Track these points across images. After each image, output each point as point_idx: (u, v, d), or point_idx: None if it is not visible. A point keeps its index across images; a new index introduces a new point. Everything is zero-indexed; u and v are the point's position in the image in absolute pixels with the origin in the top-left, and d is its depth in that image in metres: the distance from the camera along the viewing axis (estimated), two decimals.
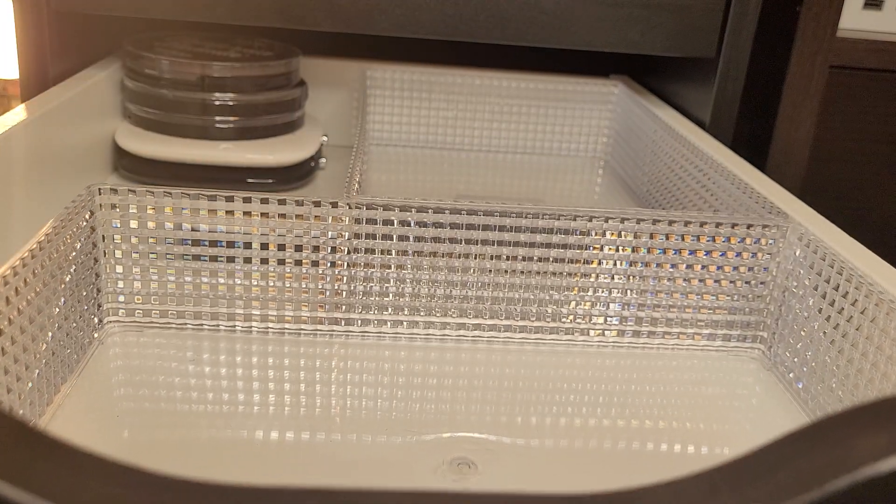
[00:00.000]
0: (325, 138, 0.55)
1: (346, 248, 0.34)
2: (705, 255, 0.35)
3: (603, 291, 0.35)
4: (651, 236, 0.34)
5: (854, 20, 0.56)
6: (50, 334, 0.28)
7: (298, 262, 0.34)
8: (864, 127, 0.58)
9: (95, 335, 0.33)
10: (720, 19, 0.51)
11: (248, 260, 0.34)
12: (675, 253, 0.35)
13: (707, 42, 0.51)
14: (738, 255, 0.35)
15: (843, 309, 0.31)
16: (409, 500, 0.14)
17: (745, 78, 0.54)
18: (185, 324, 0.35)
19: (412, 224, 0.34)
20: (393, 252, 0.34)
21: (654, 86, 0.63)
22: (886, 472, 0.13)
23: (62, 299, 0.30)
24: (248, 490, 0.15)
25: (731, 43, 0.53)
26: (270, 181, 0.50)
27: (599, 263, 0.35)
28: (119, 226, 0.33)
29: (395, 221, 0.33)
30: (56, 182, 0.40)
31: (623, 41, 0.51)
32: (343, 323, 0.35)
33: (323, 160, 0.56)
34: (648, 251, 0.35)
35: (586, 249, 0.35)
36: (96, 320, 0.34)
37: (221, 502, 0.14)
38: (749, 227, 0.34)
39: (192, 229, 0.33)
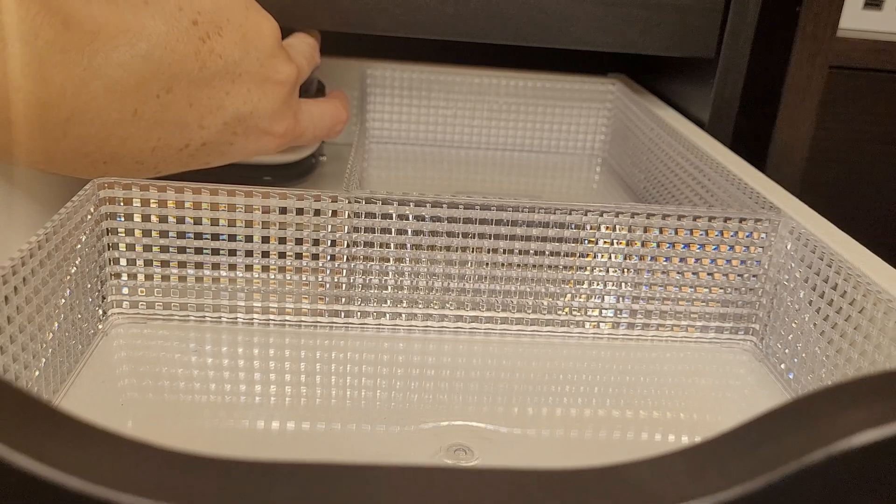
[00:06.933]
0: None
1: (346, 242, 0.34)
2: (699, 248, 0.35)
3: (598, 284, 0.36)
4: (645, 230, 0.35)
5: (854, 20, 0.56)
6: (56, 324, 0.29)
7: (299, 256, 0.35)
8: (864, 127, 0.58)
9: (100, 326, 0.34)
10: (720, 19, 0.51)
11: (249, 253, 0.34)
12: (668, 246, 0.35)
13: (706, 42, 0.51)
14: (731, 248, 0.35)
15: (832, 300, 0.31)
16: (402, 475, 0.15)
17: (744, 78, 0.54)
18: (188, 316, 0.35)
19: (410, 218, 0.34)
20: (392, 245, 0.35)
21: (654, 85, 0.63)
22: (860, 446, 0.14)
23: (68, 290, 0.30)
24: (254, 465, 0.15)
25: (730, 43, 0.53)
26: (269, 178, 0.51)
27: (594, 257, 0.36)
28: (123, 219, 0.33)
29: (394, 215, 0.34)
30: (62, 178, 0.41)
31: (623, 41, 0.51)
32: (343, 315, 0.36)
33: (323, 157, 0.56)
34: (643, 245, 0.35)
35: (581, 243, 0.35)
36: (101, 312, 0.34)
37: (227, 476, 0.15)
38: (741, 221, 0.35)
39: (195, 223, 0.34)
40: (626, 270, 0.36)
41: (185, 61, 0.34)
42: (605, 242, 0.35)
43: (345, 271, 0.35)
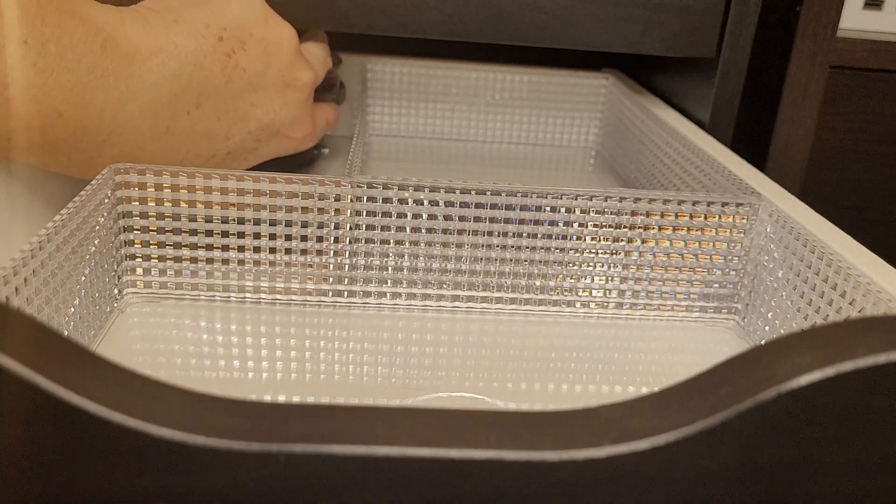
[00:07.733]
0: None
1: (349, 225, 0.36)
2: (683, 231, 0.37)
3: (588, 266, 0.38)
4: (632, 214, 0.37)
5: (854, 20, 0.56)
6: (77, 300, 0.31)
7: (304, 238, 0.36)
8: (864, 127, 0.58)
9: (115, 305, 0.36)
10: (720, 19, 0.51)
11: (257, 236, 0.36)
12: (655, 230, 0.37)
13: (707, 42, 0.52)
14: (714, 231, 0.37)
15: (807, 279, 0.33)
16: (397, 414, 0.17)
17: (745, 78, 0.54)
18: (199, 295, 0.37)
19: (410, 202, 0.36)
20: (392, 228, 0.36)
21: (654, 84, 0.64)
22: (804, 385, 0.16)
23: (87, 269, 0.32)
24: (272, 406, 0.17)
25: (730, 43, 0.53)
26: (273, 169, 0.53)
27: (584, 240, 0.37)
28: (138, 202, 0.35)
29: (395, 199, 0.36)
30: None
31: (623, 41, 0.51)
32: (345, 295, 0.38)
33: (325, 150, 0.58)
34: (630, 228, 0.37)
35: (571, 226, 0.37)
36: (116, 291, 0.36)
37: (247, 413, 0.17)
38: (724, 205, 0.37)
39: (206, 206, 0.35)
40: (614, 253, 0.38)
41: (212, 77, 0.36)
42: (594, 226, 0.37)
43: (347, 253, 0.37)
